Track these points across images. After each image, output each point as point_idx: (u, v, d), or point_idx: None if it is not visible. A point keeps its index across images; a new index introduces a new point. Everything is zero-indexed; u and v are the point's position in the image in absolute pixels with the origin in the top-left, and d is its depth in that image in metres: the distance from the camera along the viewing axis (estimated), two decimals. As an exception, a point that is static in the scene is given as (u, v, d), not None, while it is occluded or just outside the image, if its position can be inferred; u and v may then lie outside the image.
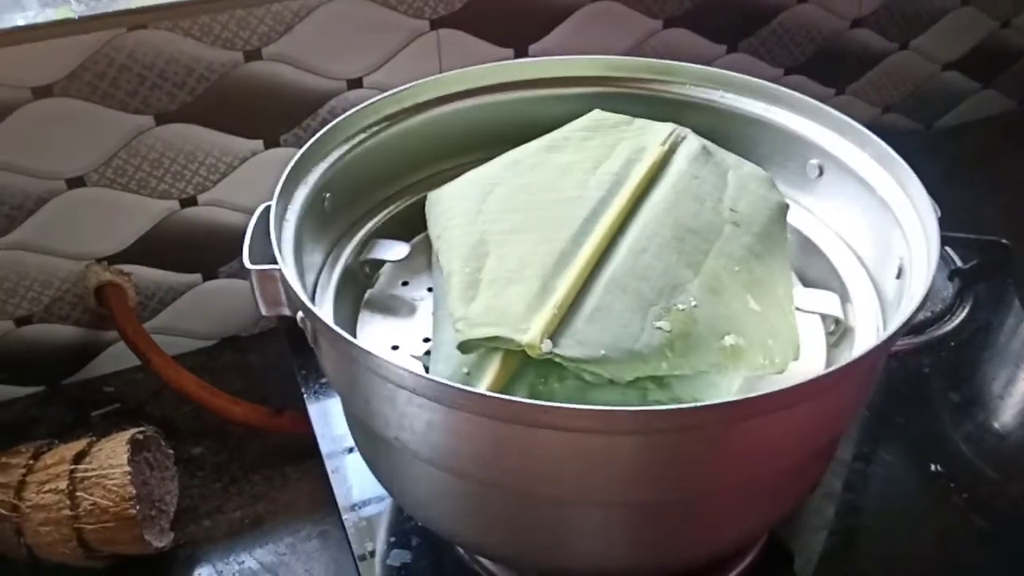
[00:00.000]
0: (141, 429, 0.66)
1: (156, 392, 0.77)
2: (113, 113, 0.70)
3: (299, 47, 0.74)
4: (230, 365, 0.82)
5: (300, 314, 0.48)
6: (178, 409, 0.76)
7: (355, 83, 0.77)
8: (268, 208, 0.52)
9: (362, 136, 0.59)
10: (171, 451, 0.69)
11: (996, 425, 0.71)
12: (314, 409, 0.71)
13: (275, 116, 0.76)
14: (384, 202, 0.62)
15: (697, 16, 0.88)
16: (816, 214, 0.61)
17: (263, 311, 0.52)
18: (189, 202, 0.76)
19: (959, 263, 0.82)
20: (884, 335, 0.44)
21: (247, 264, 0.51)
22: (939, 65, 1.05)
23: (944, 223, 0.52)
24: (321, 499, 0.68)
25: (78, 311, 0.77)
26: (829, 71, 0.99)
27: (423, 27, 0.78)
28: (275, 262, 0.49)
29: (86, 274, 0.75)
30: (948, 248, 0.83)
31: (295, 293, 0.47)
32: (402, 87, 0.61)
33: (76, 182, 0.72)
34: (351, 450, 0.67)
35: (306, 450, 0.70)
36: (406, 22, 0.77)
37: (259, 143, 0.76)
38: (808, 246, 0.60)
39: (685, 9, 0.87)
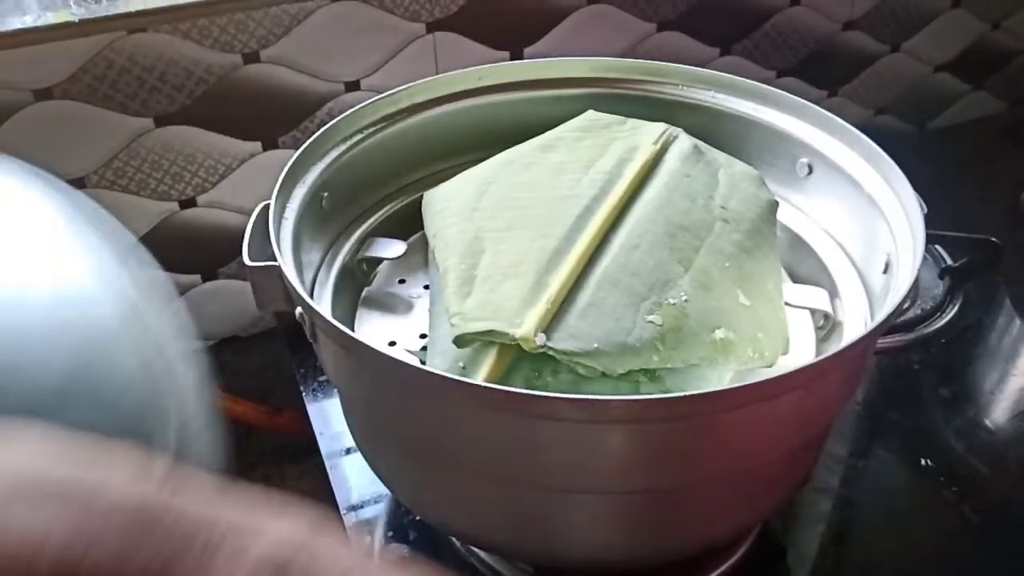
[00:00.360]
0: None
1: (156, 391, 0.78)
2: (113, 115, 0.71)
3: (297, 50, 0.75)
4: (230, 365, 0.83)
5: (299, 310, 0.49)
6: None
7: (352, 85, 0.78)
8: (267, 206, 0.53)
9: (359, 136, 0.59)
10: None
11: (986, 421, 0.72)
12: (313, 408, 0.71)
13: (273, 118, 0.77)
14: (382, 201, 0.63)
15: (690, 19, 0.90)
16: (805, 211, 0.62)
17: (262, 308, 0.52)
18: (188, 203, 0.77)
19: (949, 261, 0.83)
20: (870, 326, 0.45)
21: (247, 261, 0.51)
22: (931, 67, 1.06)
23: (935, 222, 0.52)
24: (320, 498, 0.69)
25: (79, 312, 0.77)
26: (822, 73, 1.00)
27: (420, 30, 0.79)
28: (274, 259, 0.50)
29: (87, 275, 0.76)
30: (938, 247, 0.84)
31: (294, 288, 0.48)
32: (399, 88, 0.61)
33: (76, 184, 0.72)
34: (349, 450, 0.68)
35: (305, 449, 0.71)
36: (403, 25, 0.78)
37: (257, 145, 0.77)
38: (797, 243, 0.61)
39: (679, 12, 0.89)
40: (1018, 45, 1.08)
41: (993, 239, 0.81)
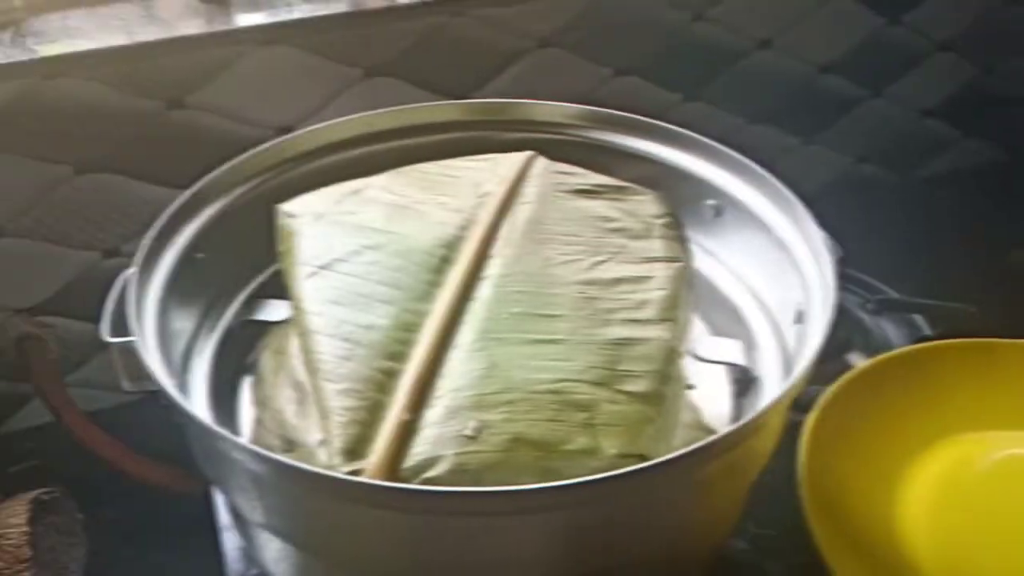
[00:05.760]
0: (47, 490, 0.64)
1: (76, 449, 0.75)
2: (30, 163, 0.69)
3: (225, 96, 0.72)
4: (160, 420, 0.79)
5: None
6: (96, 468, 0.73)
7: (286, 131, 0.75)
8: (132, 274, 0.49)
9: (240, 190, 0.56)
10: (79, 515, 0.67)
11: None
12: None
13: (199, 165, 0.74)
14: (269, 259, 0.57)
15: (649, 64, 0.85)
16: (717, 257, 0.58)
17: (127, 387, 0.49)
18: (112, 253, 0.75)
19: (927, 331, 0.77)
20: (777, 394, 0.41)
21: (104, 336, 0.48)
22: (918, 112, 1.00)
23: (914, 287, 0.49)
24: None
25: (-2, 364, 0.75)
26: (797, 120, 0.95)
27: (356, 75, 0.76)
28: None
29: (5, 326, 0.73)
30: (917, 315, 0.78)
31: (152, 367, 0.44)
32: (282, 138, 0.58)
33: (-8, 233, 0.70)
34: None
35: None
36: (339, 70, 0.75)
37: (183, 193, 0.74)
38: (712, 291, 0.57)
39: (638, 56, 0.85)
40: (1013, 90, 1.02)
41: (971, 308, 0.76)
